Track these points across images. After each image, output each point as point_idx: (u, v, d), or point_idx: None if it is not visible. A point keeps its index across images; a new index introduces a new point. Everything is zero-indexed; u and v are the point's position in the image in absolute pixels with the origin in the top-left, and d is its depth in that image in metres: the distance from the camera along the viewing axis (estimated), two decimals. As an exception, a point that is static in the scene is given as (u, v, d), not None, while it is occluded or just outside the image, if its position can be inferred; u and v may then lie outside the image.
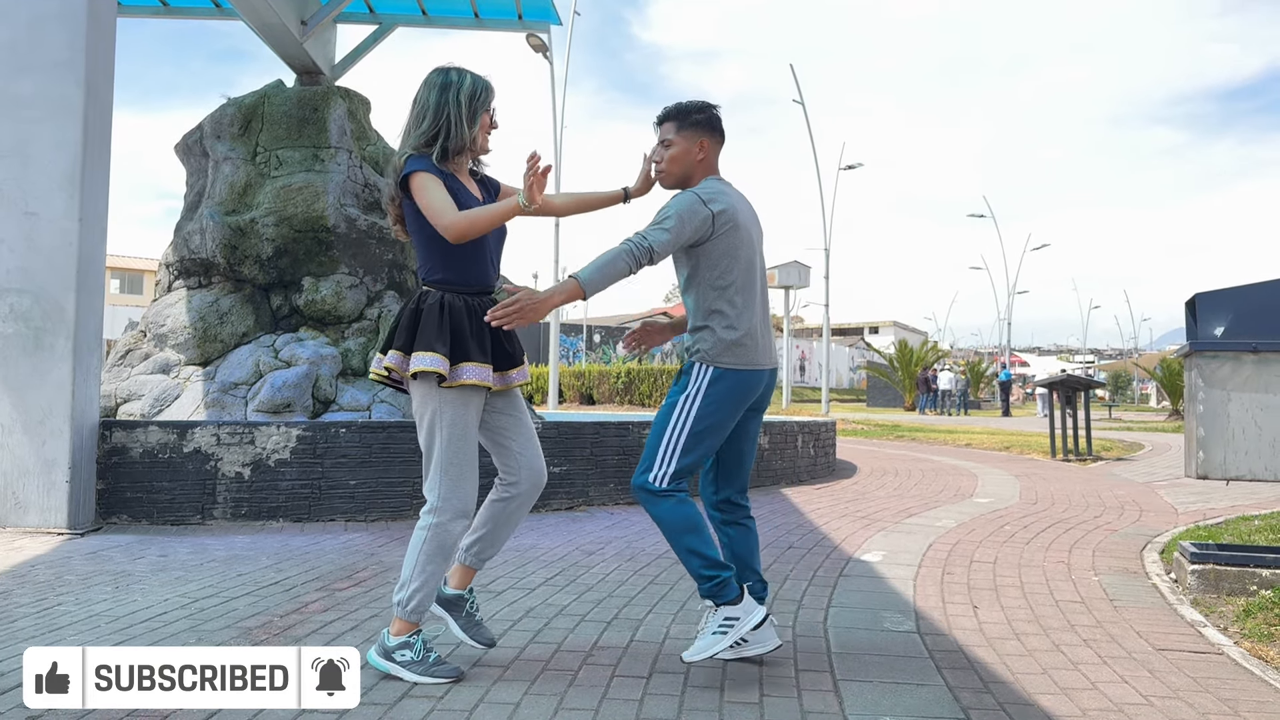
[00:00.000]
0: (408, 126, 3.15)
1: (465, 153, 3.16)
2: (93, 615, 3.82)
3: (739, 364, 3.23)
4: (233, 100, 8.78)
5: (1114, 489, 9.23)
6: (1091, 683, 3.19)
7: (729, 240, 3.22)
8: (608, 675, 3.16)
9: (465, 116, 3.10)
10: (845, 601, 4.28)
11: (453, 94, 3.10)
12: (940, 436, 17.43)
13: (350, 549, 5.34)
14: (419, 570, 3.09)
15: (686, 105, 3.38)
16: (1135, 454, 14.12)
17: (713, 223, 3.18)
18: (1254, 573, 4.42)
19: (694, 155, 3.34)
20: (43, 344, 5.81)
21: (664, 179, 3.40)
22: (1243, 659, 3.48)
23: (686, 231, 3.15)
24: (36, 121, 5.90)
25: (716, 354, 3.22)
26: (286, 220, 8.16)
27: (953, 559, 5.36)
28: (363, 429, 6.44)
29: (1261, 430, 4.46)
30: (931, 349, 42.31)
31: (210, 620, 3.76)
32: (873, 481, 9.66)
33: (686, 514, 3.14)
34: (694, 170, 3.35)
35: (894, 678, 3.18)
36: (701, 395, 3.20)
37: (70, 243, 5.85)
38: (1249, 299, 4.57)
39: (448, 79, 3.12)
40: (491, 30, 10.71)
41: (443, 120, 3.09)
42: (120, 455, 6.14)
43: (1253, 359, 4.48)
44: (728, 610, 3.11)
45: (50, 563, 4.90)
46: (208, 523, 6.14)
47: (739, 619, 3.09)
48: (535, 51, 19.82)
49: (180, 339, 8.07)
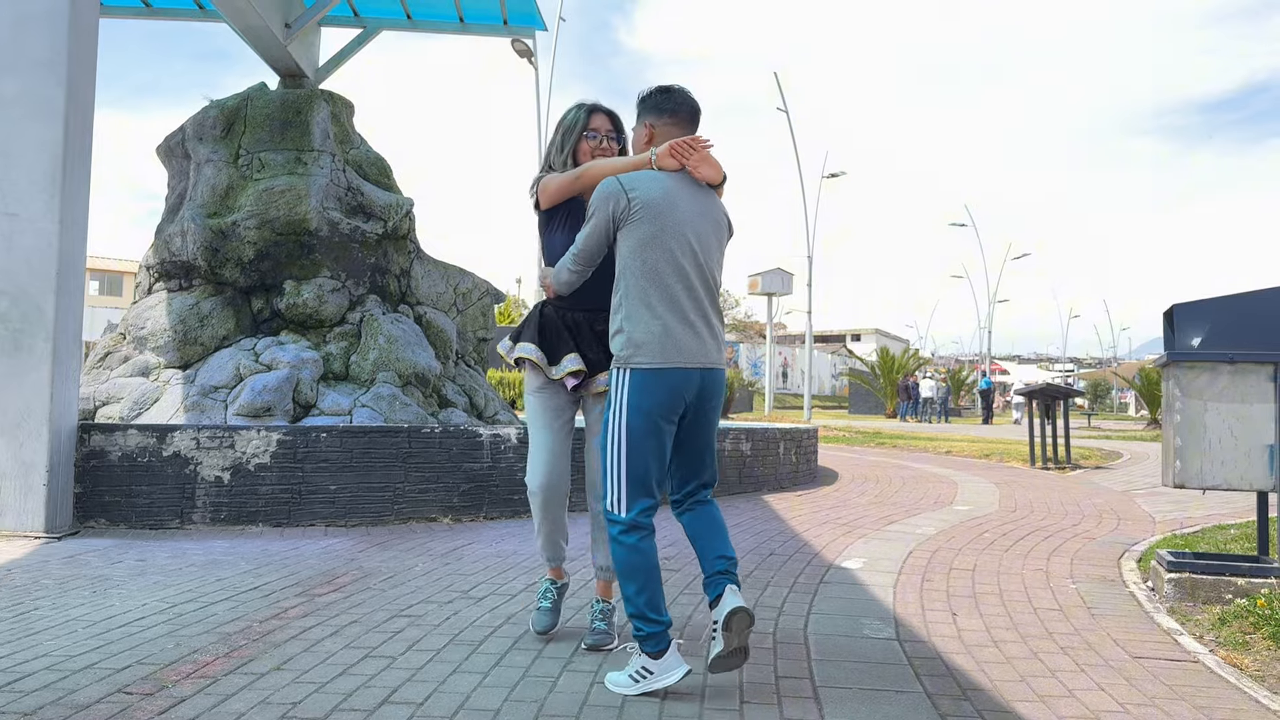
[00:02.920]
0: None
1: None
2: (70, 620, 3.79)
3: (653, 363, 3.09)
4: (215, 102, 8.75)
5: (1092, 497, 9.29)
6: (1069, 690, 3.21)
7: (643, 229, 3.14)
8: (588, 682, 3.16)
9: (558, 145, 3.68)
10: (825, 609, 4.29)
11: (559, 127, 3.72)
12: (921, 444, 17.50)
13: (330, 554, 5.32)
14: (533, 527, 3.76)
15: (642, 92, 3.42)
16: (1113, 462, 14.22)
17: (628, 208, 3.14)
18: (1229, 581, 4.46)
19: (641, 139, 3.39)
20: (21, 346, 5.76)
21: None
22: (1218, 667, 3.52)
23: (603, 218, 3.19)
24: (17, 121, 5.86)
25: (629, 355, 3.12)
26: (268, 223, 8.13)
27: (932, 566, 5.38)
28: (344, 433, 6.42)
29: (1237, 440, 4.51)
30: (913, 357, 42.53)
31: (189, 625, 3.74)
32: (854, 488, 9.69)
33: (634, 562, 3.09)
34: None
35: (873, 685, 3.20)
36: (626, 404, 3.11)
37: (50, 244, 5.81)
38: (1226, 310, 4.62)
39: (564, 114, 3.72)
40: (476, 35, 10.71)
41: (551, 148, 3.73)
42: (99, 458, 6.10)
43: (1229, 369, 4.53)
44: (646, 661, 3.04)
45: (27, 567, 4.86)
46: (187, 527, 6.10)
47: (654, 674, 3.03)
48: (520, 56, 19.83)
49: (160, 341, 8.02)
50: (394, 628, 3.78)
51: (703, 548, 3.21)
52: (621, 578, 3.12)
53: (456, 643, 3.59)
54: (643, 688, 3.04)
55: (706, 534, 3.23)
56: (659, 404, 3.11)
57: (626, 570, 3.10)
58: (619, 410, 3.13)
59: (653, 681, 3.03)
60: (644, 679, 3.04)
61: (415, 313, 9.14)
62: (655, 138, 3.33)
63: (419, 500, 6.53)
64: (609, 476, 3.15)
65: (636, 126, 3.43)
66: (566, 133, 3.64)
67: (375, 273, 8.82)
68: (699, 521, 3.26)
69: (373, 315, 8.50)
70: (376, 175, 9.34)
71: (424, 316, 9.17)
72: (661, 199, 3.18)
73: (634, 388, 3.11)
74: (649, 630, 3.05)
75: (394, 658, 3.38)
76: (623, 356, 3.14)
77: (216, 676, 3.11)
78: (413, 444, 6.53)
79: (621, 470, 3.12)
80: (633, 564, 3.10)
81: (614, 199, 3.17)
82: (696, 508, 3.29)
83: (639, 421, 3.10)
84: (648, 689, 3.03)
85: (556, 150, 3.67)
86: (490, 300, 10.25)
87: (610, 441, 3.15)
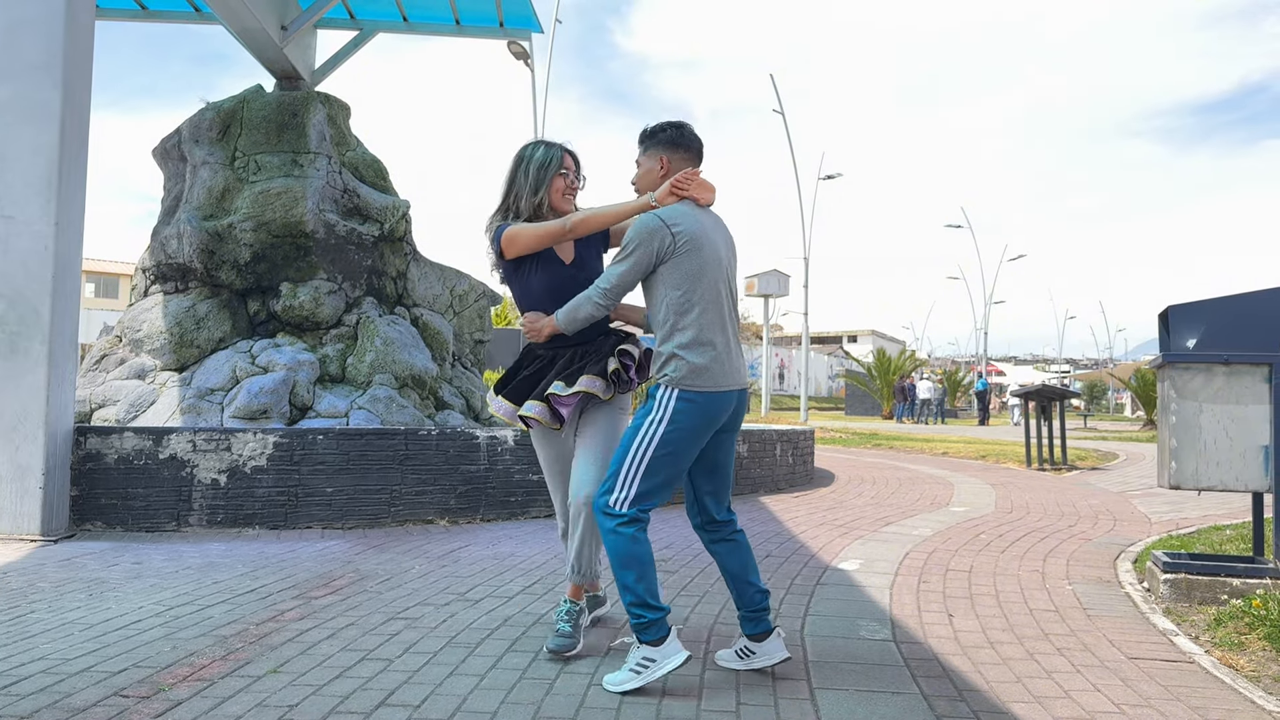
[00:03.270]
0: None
1: (539, 217, 3.56)
2: (66, 623, 3.79)
3: (705, 387, 3.20)
4: (212, 104, 8.74)
5: (1088, 498, 9.31)
6: (1065, 691, 3.22)
7: (692, 262, 3.22)
8: (585, 684, 3.16)
9: (529, 188, 3.55)
10: (822, 610, 4.30)
11: (523, 167, 3.58)
12: (917, 445, 17.52)
13: (327, 557, 5.32)
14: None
15: (653, 127, 3.45)
16: (1109, 463, 14.24)
17: (673, 244, 3.20)
18: (1225, 582, 4.47)
19: (656, 173, 3.41)
20: (17, 348, 5.76)
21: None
22: (1213, 668, 3.53)
23: (649, 255, 3.21)
24: (13, 125, 5.86)
25: (680, 377, 3.19)
26: (265, 225, 8.13)
27: (929, 568, 5.39)
28: (340, 436, 6.41)
29: (1232, 441, 4.52)
30: (909, 358, 42.54)
31: (185, 629, 3.73)
32: (850, 490, 9.70)
33: (633, 551, 3.12)
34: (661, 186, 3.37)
35: (870, 686, 3.20)
36: (667, 420, 3.17)
37: (46, 247, 5.80)
38: (1221, 312, 4.64)
39: (522, 154, 3.59)
40: (472, 37, 10.71)
41: (513, 192, 3.58)
42: (95, 461, 6.09)
43: (1224, 371, 4.54)
44: (647, 650, 3.08)
45: (23, 569, 4.85)
46: (183, 529, 6.10)
47: (655, 661, 3.07)
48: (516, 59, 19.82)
49: (156, 344, 8.01)
50: (391, 630, 3.79)
51: (741, 580, 3.34)
52: (619, 568, 3.11)
53: (453, 645, 3.60)
54: (646, 678, 3.05)
55: (743, 567, 3.36)
56: (705, 425, 3.22)
57: (625, 560, 3.11)
58: (659, 421, 3.18)
59: (656, 669, 3.05)
60: (647, 668, 3.06)
61: (412, 315, 9.14)
62: (670, 171, 3.39)
63: (416, 502, 6.53)
64: (623, 475, 3.17)
65: (646, 159, 3.45)
66: (541, 169, 3.56)
67: (372, 275, 8.82)
68: (738, 554, 3.37)
69: (369, 317, 8.50)
70: (373, 177, 9.35)
71: (420, 318, 9.17)
72: (700, 231, 3.26)
73: (682, 408, 3.18)
74: (650, 617, 3.08)
75: (391, 660, 3.38)
76: (675, 378, 3.20)
77: (213, 679, 3.11)
78: (409, 446, 6.53)
79: (639, 475, 3.16)
80: (632, 553, 3.12)
81: (659, 235, 3.21)
82: (732, 539, 3.38)
83: (676, 438, 3.17)
84: (652, 678, 3.05)
85: (530, 192, 3.56)
86: (487, 302, 10.25)
87: (638, 444, 3.17)
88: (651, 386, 3.30)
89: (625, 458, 3.19)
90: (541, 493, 7.03)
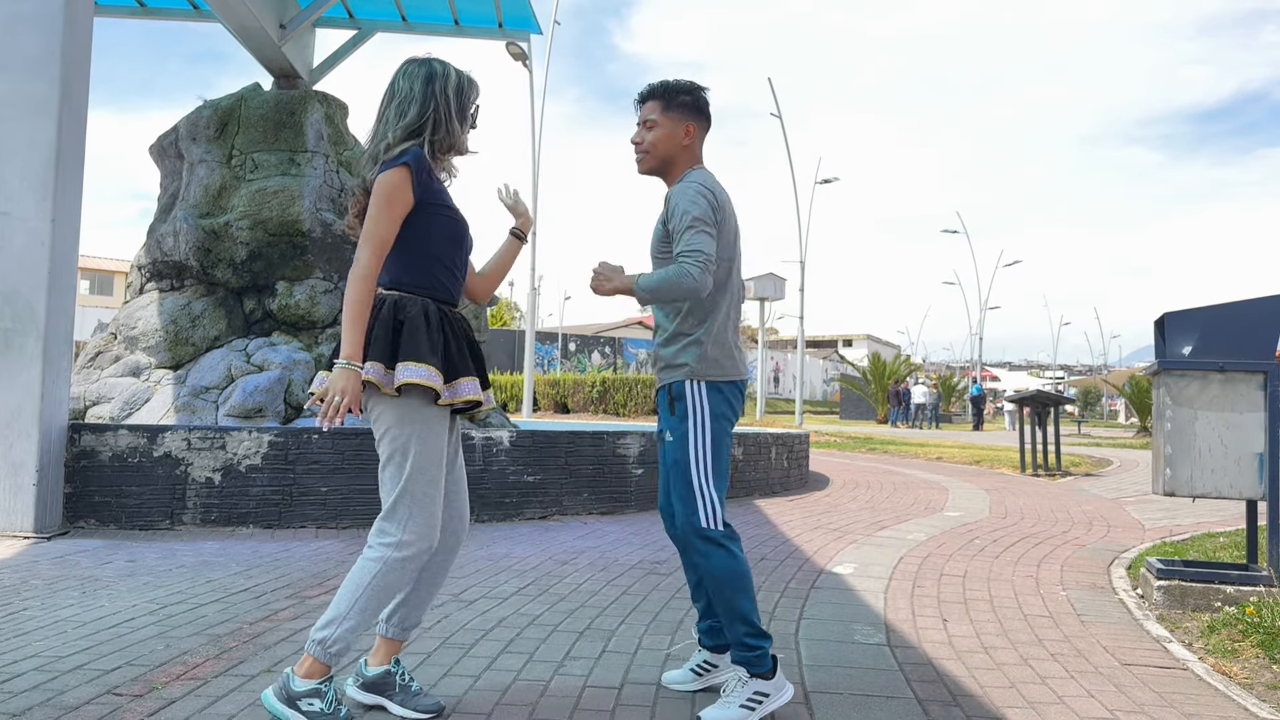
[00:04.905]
0: (385, 120, 2.82)
1: (451, 153, 2.91)
2: (59, 620, 3.78)
3: (728, 375, 3.00)
4: (209, 102, 8.73)
5: (1082, 504, 9.32)
6: (1059, 697, 3.22)
7: (722, 240, 2.98)
8: (580, 685, 3.16)
9: (455, 111, 2.83)
10: (816, 614, 4.30)
11: (439, 86, 2.81)
12: (912, 450, 17.53)
13: (321, 556, 5.31)
14: (359, 607, 2.65)
15: (673, 84, 3.08)
16: (1104, 470, 14.27)
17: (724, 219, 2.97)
18: (1218, 589, 4.48)
19: (679, 139, 3.05)
20: (12, 345, 5.74)
21: (644, 163, 3.09)
22: (1207, 674, 3.53)
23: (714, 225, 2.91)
24: (10, 121, 5.84)
25: (705, 368, 2.96)
26: (261, 224, 8.12)
27: (923, 572, 5.39)
28: (336, 435, 6.40)
29: (1227, 448, 4.53)
30: (904, 362, 42.60)
31: (179, 627, 3.72)
32: (845, 494, 9.70)
33: (742, 571, 2.88)
34: (678, 156, 3.07)
35: (864, 690, 3.20)
36: (708, 415, 2.95)
37: (42, 243, 5.79)
38: (1216, 319, 4.65)
39: (432, 70, 2.82)
40: (471, 38, 10.71)
41: (429, 113, 2.80)
42: (89, 459, 6.07)
43: (1219, 378, 4.55)
44: (760, 685, 2.84)
45: (15, 567, 4.84)
46: (177, 528, 6.08)
47: (769, 696, 2.84)
48: (515, 60, 19.82)
49: (151, 342, 8.00)
50: (385, 630, 3.77)
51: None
52: (732, 594, 2.85)
53: (447, 646, 3.59)
54: (761, 712, 2.83)
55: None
56: (735, 412, 3.04)
57: (739, 582, 2.86)
58: (702, 421, 2.95)
59: (769, 704, 2.85)
60: (761, 704, 2.84)
61: (408, 315, 9.11)
62: (694, 141, 3.08)
63: (410, 503, 6.50)
64: (701, 491, 2.92)
65: (667, 121, 3.05)
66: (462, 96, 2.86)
67: (368, 274, 8.80)
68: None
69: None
70: (370, 177, 9.32)
71: (416, 319, 9.15)
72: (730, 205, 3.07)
73: (715, 397, 2.96)
74: (764, 647, 2.87)
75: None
76: (698, 370, 2.96)
77: (207, 678, 3.10)
78: (404, 446, 6.51)
79: (711, 481, 2.93)
80: (743, 573, 2.89)
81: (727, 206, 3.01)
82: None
83: (721, 430, 2.97)
84: (764, 713, 2.84)
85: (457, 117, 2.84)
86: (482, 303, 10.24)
87: (696, 455, 2.93)
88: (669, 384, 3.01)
89: (690, 471, 2.92)
90: (535, 494, 7.02)
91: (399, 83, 2.84)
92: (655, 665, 3.42)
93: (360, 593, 2.66)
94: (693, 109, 3.07)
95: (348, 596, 2.66)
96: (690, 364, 2.97)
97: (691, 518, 2.90)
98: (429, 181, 2.79)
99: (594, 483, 7.39)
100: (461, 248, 2.90)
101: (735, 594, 2.84)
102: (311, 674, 2.65)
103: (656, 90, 3.08)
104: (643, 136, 3.09)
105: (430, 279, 2.82)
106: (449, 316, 2.84)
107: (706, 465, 2.93)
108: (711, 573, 2.87)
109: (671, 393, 3.00)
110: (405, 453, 2.70)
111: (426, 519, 2.71)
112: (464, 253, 2.92)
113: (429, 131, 2.80)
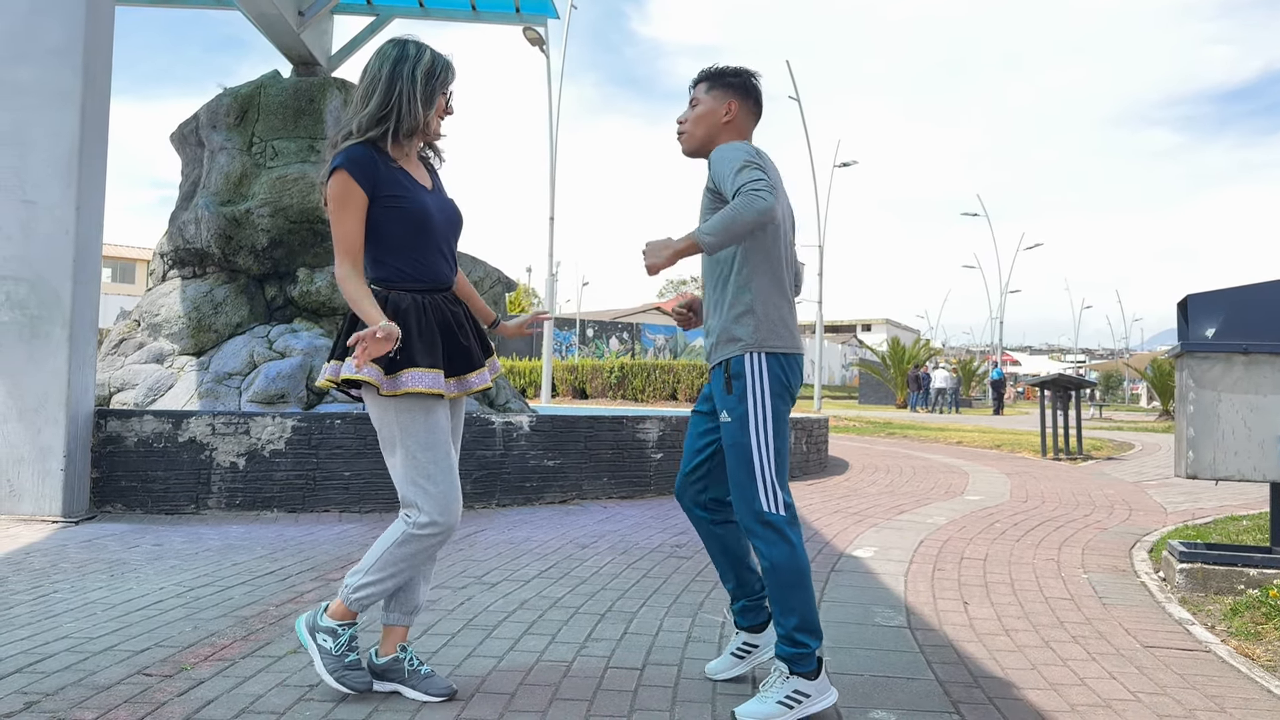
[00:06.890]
0: (355, 101, 2.79)
1: (416, 136, 2.83)
2: (89, 603, 3.84)
3: (786, 347, 2.84)
4: (229, 90, 8.77)
5: (1104, 488, 9.28)
6: (1080, 678, 3.23)
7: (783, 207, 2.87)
8: (602, 666, 3.19)
9: (420, 96, 2.75)
10: (837, 596, 4.31)
11: (408, 68, 2.75)
12: (931, 434, 17.49)
13: (345, 539, 5.36)
14: (391, 568, 2.76)
15: (722, 68, 3.03)
16: (1125, 453, 14.20)
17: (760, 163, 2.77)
18: (1241, 572, 4.46)
19: (720, 115, 2.97)
20: (39, 332, 5.81)
21: (685, 141, 3.03)
22: (1229, 657, 3.52)
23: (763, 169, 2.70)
24: (34, 109, 5.89)
25: (763, 338, 2.81)
26: (282, 211, 8.16)
27: (944, 555, 5.40)
28: (358, 420, 6.45)
29: (1251, 431, 4.51)
30: (924, 347, 42.42)
31: (206, 609, 3.77)
32: (864, 478, 9.70)
33: (802, 567, 2.76)
34: (719, 133, 2.98)
35: (885, 672, 3.21)
36: (768, 390, 2.79)
37: (67, 231, 5.85)
38: (1240, 301, 4.61)
39: (403, 52, 2.76)
40: (488, 23, 10.71)
41: (394, 98, 2.73)
42: (115, 444, 6.14)
43: (1243, 360, 4.52)
44: (801, 684, 2.73)
45: (45, 550, 4.91)
46: (202, 512, 6.15)
47: (810, 696, 2.73)
48: (532, 45, 19.79)
49: (174, 329, 8.07)
50: (409, 612, 3.81)
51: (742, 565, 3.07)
52: (789, 586, 2.74)
53: (471, 628, 3.63)
54: (798, 714, 2.71)
55: (746, 551, 3.07)
56: (795, 386, 2.88)
57: (799, 574, 2.75)
58: (762, 396, 2.79)
59: (809, 705, 2.73)
60: (800, 703, 2.72)
61: (428, 301, 9.15)
62: (735, 119, 2.98)
63: (432, 487, 6.55)
64: (763, 475, 2.78)
65: (710, 100, 2.99)
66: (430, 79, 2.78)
67: (388, 261, 8.84)
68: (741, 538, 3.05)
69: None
70: (389, 163, 9.35)
71: (436, 304, 9.18)
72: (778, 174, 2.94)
73: (776, 369, 2.82)
74: (814, 646, 2.75)
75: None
76: (757, 340, 2.81)
77: (234, 659, 3.15)
78: (426, 431, 6.55)
79: (773, 463, 2.79)
80: (803, 569, 2.76)
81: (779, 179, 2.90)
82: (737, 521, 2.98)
83: (783, 406, 2.83)
84: (803, 714, 2.72)
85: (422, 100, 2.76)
86: (502, 289, 10.26)
87: (758, 434, 2.78)
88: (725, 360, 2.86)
89: (751, 453, 2.78)
90: (556, 479, 7.06)
91: (372, 64, 2.81)
92: (677, 647, 3.45)
93: (392, 554, 2.76)
94: (739, 89, 3.00)
95: (379, 554, 2.79)
96: (745, 337, 2.83)
97: (753, 502, 2.78)
98: (376, 173, 2.74)
99: (613, 467, 7.42)
100: (425, 232, 2.82)
101: (793, 588, 2.74)
102: (335, 614, 2.86)
103: (706, 74, 3.05)
104: (685, 115, 3.05)
105: (396, 272, 2.81)
106: (421, 303, 2.82)
107: (768, 446, 2.78)
108: (775, 562, 2.76)
109: (729, 370, 2.85)
110: (410, 437, 2.75)
111: (444, 495, 2.74)
112: (432, 236, 2.84)
113: (393, 118, 2.75)
